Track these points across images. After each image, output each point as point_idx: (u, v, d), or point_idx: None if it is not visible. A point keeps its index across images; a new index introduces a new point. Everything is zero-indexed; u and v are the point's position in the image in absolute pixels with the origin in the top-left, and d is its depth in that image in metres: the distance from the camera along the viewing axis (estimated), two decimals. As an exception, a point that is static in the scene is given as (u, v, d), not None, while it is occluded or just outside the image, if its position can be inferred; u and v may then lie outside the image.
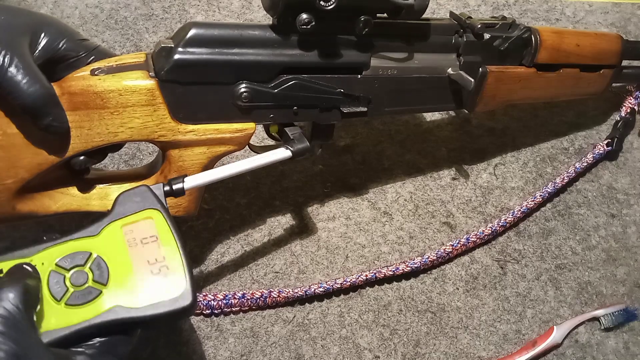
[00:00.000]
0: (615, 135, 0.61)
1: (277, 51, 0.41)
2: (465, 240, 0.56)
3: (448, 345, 0.54)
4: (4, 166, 0.38)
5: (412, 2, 0.41)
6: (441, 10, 0.69)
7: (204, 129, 0.42)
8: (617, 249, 0.59)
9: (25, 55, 0.35)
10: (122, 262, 0.34)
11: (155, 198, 0.36)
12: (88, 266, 0.33)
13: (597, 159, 0.61)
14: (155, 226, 0.35)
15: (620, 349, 0.55)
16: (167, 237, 0.35)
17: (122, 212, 0.36)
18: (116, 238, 0.35)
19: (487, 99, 0.51)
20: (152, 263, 0.34)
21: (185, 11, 0.66)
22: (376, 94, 0.45)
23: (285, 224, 0.58)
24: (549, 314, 0.56)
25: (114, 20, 0.65)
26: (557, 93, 0.56)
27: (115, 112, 0.39)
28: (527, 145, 0.63)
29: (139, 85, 0.39)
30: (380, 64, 0.45)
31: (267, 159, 0.42)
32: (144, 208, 0.36)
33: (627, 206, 0.61)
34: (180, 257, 0.35)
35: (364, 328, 0.55)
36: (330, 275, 0.56)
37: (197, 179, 0.40)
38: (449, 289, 0.56)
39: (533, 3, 0.70)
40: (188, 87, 0.40)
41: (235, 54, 0.40)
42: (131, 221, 0.35)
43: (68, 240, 0.34)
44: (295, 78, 0.42)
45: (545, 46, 0.50)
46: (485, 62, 0.48)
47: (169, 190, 0.38)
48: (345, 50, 0.43)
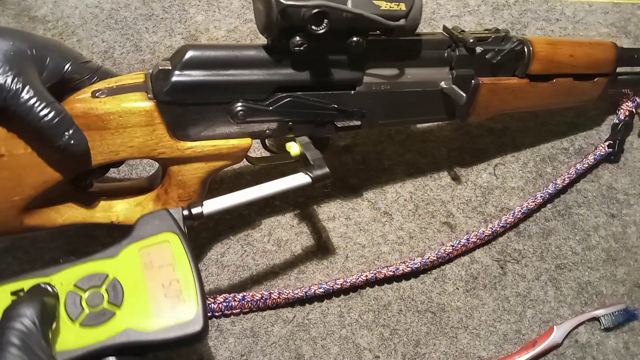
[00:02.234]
0: (617, 137, 0.61)
1: (271, 71, 0.42)
2: (466, 241, 0.56)
3: (448, 345, 0.54)
4: (12, 185, 0.39)
5: (404, 23, 0.41)
6: (441, 10, 0.69)
7: (201, 145, 0.43)
8: (617, 249, 0.59)
9: (35, 79, 0.37)
10: (137, 285, 0.34)
11: (174, 222, 0.37)
12: (104, 287, 0.34)
13: (598, 161, 0.61)
14: (171, 250, 0.36)
15: (620, 349, 0.55)
16: (182, 262, 0.35)
17: (141, 235, 0.36)
18: (133, 260, 0.35)
19: (480, 109, 0.51)
20: (166, 286, 0.34)
21: (185, 11, 0.66)
22: (370, 109, 0.46)
23: (285, 224, 0.58)
24: (549, 314, 0.56)
25: (114, 20, 0.65)
26: (551, 102, 0.56)
27: (116, 133, 0.40)
28: (527, 145, 0.63)
29: (138, 107, 0.40)
30: (373, 80, 0.46)
31: (285, 185, 0.42)
32: (162, 231, 0.36)
33: (627, 206, 0.61)
34: (193, 282, 0.35)
35: (364, 328, 0.55)
36: (330, 275, 0.56)
37: (215, 204, 0.40)
38: (449, 289, 0.56)
39: (533, 3, 0.70)
40: (186, 107, 0.41)
41: (230, 74, 0.41)
42: (149, 244, 0.36)
43: (88, 261, 0.35)
44: (290, 96, 0.43)
45: (539, 58, 0.50)
46: (477, 74, 0.49)
47: (188, 215, 0.39)
48: (338, 69, 0.44)
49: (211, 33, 0.65)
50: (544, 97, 0.54)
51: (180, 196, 0.45)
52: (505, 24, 0.69)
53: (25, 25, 0.64)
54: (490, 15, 0.69)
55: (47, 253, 0.55)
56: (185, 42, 0.65)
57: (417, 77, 0.47)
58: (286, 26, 0.38)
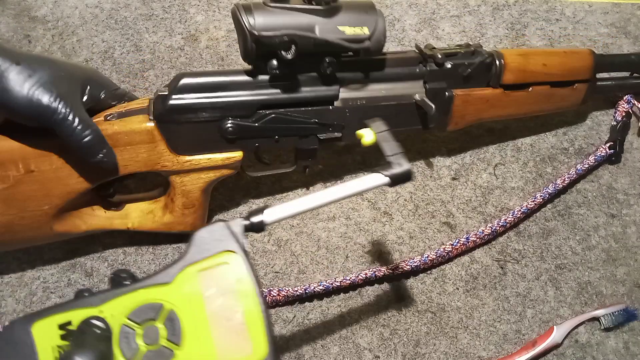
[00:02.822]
0: (617, 137, 0.62)
1: (254, 91, 0.47)
2: (465, 240, 0.56)
3: (448, 345, 0.54)
4: (41, 195, 0.46)
5: (368, 45, 0.45)
6: (441, 10, 0.69)
7: (198, 159, 0.48)
8: (617, 249, 0.59)
9: (79, 105, 0.43)
10: (197, 317, 0.30)
11: (233, 237, 0.32)
12: (160, 321, 0.30)
13: (599, 162, 0.61)
14: (233, 273, 0.31)
15: (620, 349, 0.55)
16: (245, 288, 0.31)
17: (197, 255, 0.32)
18: (191, 287, 0.31)
19: (457, 119, 0.54)
20: (229, 319, 0.30)
21: (185, 11, 0.66)
22: (349, 122, 0.50)
23: (285, 224, 0.58)
24: (549, 314, 0.56)
25: (114, 20, 0.65)
26: (531, 109, 0.57)
27: (124, 150, 0.46)
28: (527, 145, 0.63)
29: (141, 127, 0.46)
30: (349, 96, 0.49)
31: (359, 187, 0.37)
32: (221, 250, 0.32)
33: (627, 206, 0.61)
34: (260, 314, 0.30)
35: (364, 328, 0.55)
36: (330, 275, 0.56)
37: (278, 212, 0.35)
38: (449, 289, 0.56)
39: (533, 3, 0.70)
40: (182, 125, 0.46)
41: (219, 96, 0.46)
42: (207, 267, 0.31)
43: (139, 288, 0.31)
44: (273, 112, 0.48)
45: (510, 68, 0.53)
46: (450, 87, 0.52)
47: (249, 226, 0.34)
48: (315, 87, 0.48)
49: (211, 33, 0.65)
50: (522, 104, 0.56)
51: (185, 204, 0.50)
52: (505, 24, 0.69)
53: (25, 25, 0.64)
54: (490, 16, 0.69)
55: (47, 253, 0.55)
56: (185, 42, 0.65)
57: (391, 91, 0.51)
58: (261, 53, 0.43)
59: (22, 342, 0.30)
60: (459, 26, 0.69)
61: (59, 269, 0.55)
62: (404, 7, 0.70)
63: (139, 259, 0.56)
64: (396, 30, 0.68)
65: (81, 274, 0.55)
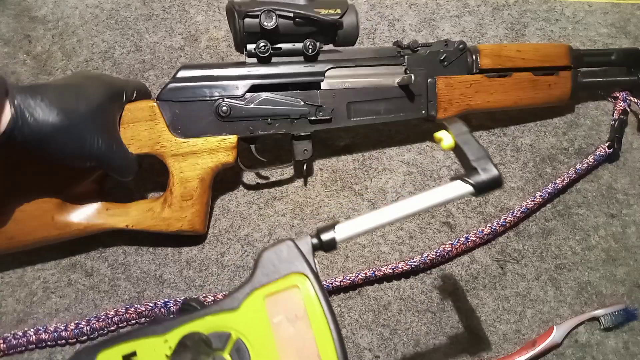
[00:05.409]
0: (615, 135, 0.62)
1: (245, 74, 0.52)
2: (465, 239, 0.56)
3: (448, 345, 0.54)
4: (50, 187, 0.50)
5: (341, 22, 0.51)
6: (441, 10, 0.69)
7: (194, 141, 0.52)
8: (617, 249, 0.59)
9: (117, 133, 0.49)
10: (266, 347, 0.28)
11: (302, 258, 0.30)
12: (228, 351, 0.28)
13: (598, 161, 0.61)
14: (302, 298, 0.29)
15: (620, 349, 0.55)
16: (316, 314, 0.29)
17: (265, 278, 0.30)
18: (258, 313, 0.29)
19: (444, 103, 0.57)
20: (300, 348, 0.28)
21: (185, 11, 0.66)
22: (337, 105, 0.54)
23: (285, 224, 0.58)
24: (548, 314, 0.56)
25: (114, 20, 0.65)
26: (521, 96, 0.59)
27: (127, 127, 0.51)
28: (527, 145, 0.63)
29: (144, 104, 0.52)
30: (334, 80, 0.54)
31: (437, 199, 0.34)
32: (289, 272, 0.30)
33: (627, 206, 0.61)
34: (332, 343, 0.28)
35: (364, 328, 0.55)
36: (330, 275, 0.56)
37: (349, 228, 0.32)
38: (449, 289, 0.56)
39: (533, 3, 0.70)
40: (180, 104, 0.52)
41: (214, 78, 0.52)
42: (275, 291, 0.30)
43: (205, 315, 0.29)
44: (263, 94, 0.52)
45: (485, 54, 0.58)
46: (430, 73, 0.57)
47: (318, 244, 0.32)
48: (301, 70, 0.53)
49: (211, 33, 0.65)
50: (509, 91, 0.59)
51: (183, 195, 0.52)
52: (505, 24, 0.69)
53: (26, 25, 0.64)
54: (490, 16, 0.69)
55: (47, 253, 0.55)
56: (185, 43, 0.65)
57: (374, 76, 0.55)
58: (249, 31, 0.50)
59: None
60: (459, 26, 0.69)
61: (59, 268, 0.55)
62: (404, 7, 0.70)
63: (139, 259, 0.56)
64: (396, 30, 0.68)
65: (81, 273, 0.55)
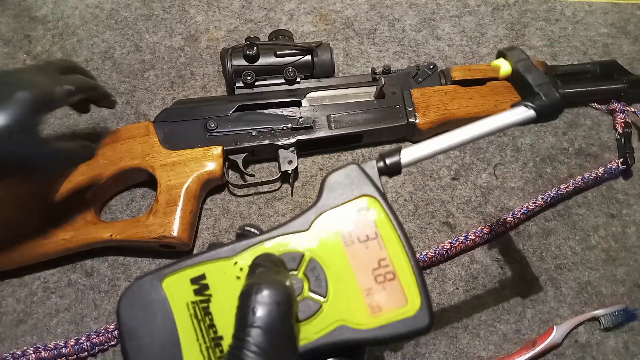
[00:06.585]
0: (626, 151, 0.61)
1: (233, 98, 0.58)
2: (464, 238, 0.56)
3: (448, 345, 0.54)
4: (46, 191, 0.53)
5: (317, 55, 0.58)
6: (441, 10, 0.69)
7: (182, 152, 0.56)
8: (617, 249, 0.59)
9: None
10: (340, 267, 0.28)
11: (369, 180, 0.30)
12: (302, 271, 0.28)
13: (609, 175, 0.61)
14: (373, 220, 0.29)
15: (620, 349, 0.55)
16: (389, 234, 0.28)
17: (332, 201, 0.29)
18: (329, 234, 0.28)
19: (422, 109, 0.59)
20: (375, 268, 0.28)
21: (185, 11, 0.66)
22: (318, 117, 0.58)
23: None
24: (548, 314, 0.56)
25: (114, 21, 0.65)
26: (500, 99, 0.61)
27: (123, 143, 0.55)
28: (526, 145, 0.63)
29: (140, 124, 0.57)
30: (314, 99, 0.59)
31: (499, 123, 0.33)
32: (357, 195, 0.29)
33: (627, 206, 0.61)
34: (407, 261, 0.28)
35: (364, 328, 0.54)
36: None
37: (415, 152, 0.32)
38: (449, 289, 0.56)
39: (533, 3, 0.70)
40: (173, 124, 0.57)
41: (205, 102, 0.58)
42: (344, 213, 0.29)
43: (274, 236, 0.29)
44: (249, 112, 0.57)
45: (456, 68, 0.62)
46: (405, 88, 0.60)
47: (383, 167, 0.31)
48: (284, 93, 0.58)
49: (211, 33, 0.65)
50: (485, 95, 0.61)
51: (168, 202, 0.53)
52: (505, 24, 0.69)
53: (26, 25, 0.64)
54: (490, 16, 0.69)
55: (47, 253, 0.55)
56: (185, 43, 0.65)
57: (352, 95, 0.59)
58: (236, 65, 0.58)
59: (155, 300, 0.27)
60: (458, 26, 0.69)
61: (59, 268, 0.55)
62: (404, 7, 0.70)
63: (139, 259, 0.56)
64: (396, 31, 0.68)
65: (81, 273, 0.55)
